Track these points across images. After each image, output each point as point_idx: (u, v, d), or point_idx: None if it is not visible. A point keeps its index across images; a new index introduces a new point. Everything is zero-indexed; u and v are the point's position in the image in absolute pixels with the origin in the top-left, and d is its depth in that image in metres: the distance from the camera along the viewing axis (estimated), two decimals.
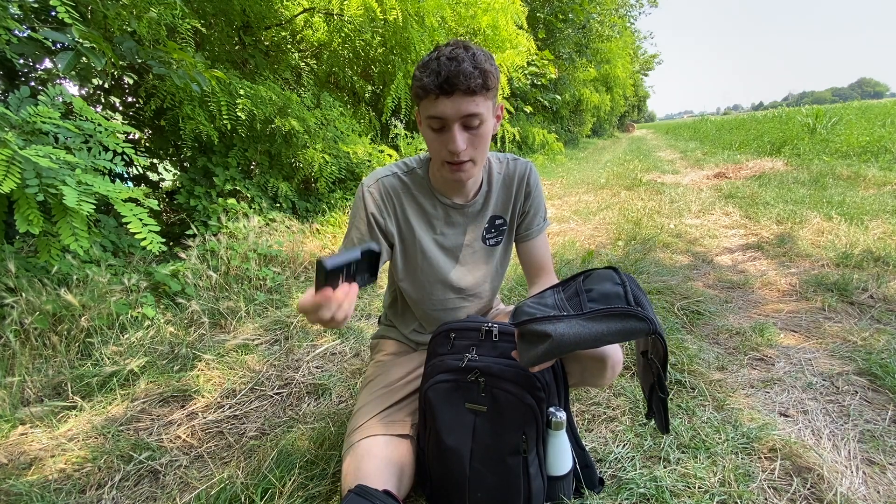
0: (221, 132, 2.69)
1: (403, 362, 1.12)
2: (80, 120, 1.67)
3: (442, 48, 0.84)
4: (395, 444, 0.92)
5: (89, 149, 1.64)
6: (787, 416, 1.27)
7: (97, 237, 2.02)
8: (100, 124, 1.65)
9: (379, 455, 0.89)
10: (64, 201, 1.31)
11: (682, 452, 1.12)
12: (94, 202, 1.39)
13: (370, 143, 3.82)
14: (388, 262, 1.10)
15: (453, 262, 1.07)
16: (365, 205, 0.99)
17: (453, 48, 0.83)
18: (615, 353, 0.92)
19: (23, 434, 1.33)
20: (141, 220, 1.50)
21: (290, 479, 1.06)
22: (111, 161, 1.65)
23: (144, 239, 1.48)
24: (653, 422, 0.81)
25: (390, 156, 3.87)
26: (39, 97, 1.60)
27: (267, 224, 2.88)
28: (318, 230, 3.21)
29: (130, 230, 1.49)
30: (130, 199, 1.54)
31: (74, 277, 1.81)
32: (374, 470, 0.86)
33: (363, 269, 0.71)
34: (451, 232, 1.04)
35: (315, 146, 3.19)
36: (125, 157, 1.74)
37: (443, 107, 0.82)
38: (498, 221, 1.07)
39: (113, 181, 1.54)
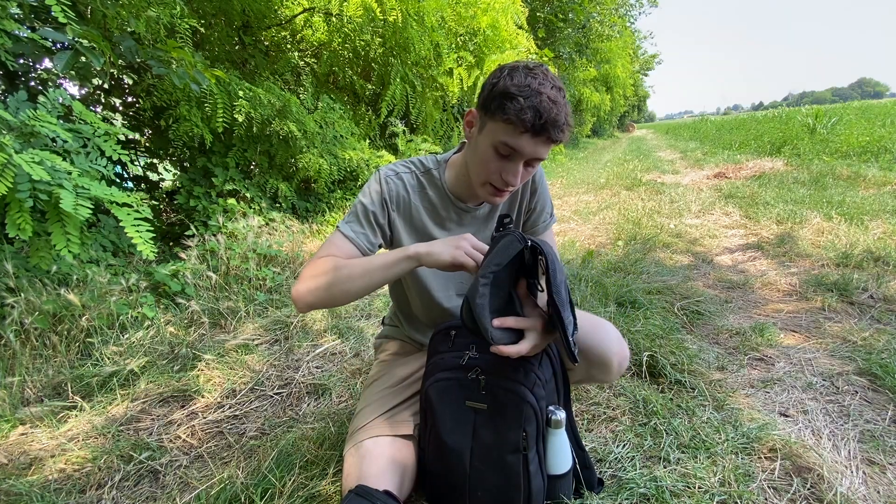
0: (218, 133, 2.69)
1: (407, 362, 1.11)
2: (80, 123, 1.67)
3: (543, 81, 0.79)
4: (398, 444, 0.92)
5: (87, 153, 1.64)
6: (787, 416, 1.27)
7: (89, 240, 2.01)
8: (99, 127, 1.65)
9: (382, 455, 0.89)
10: (60, 205, 1.31)
11: (682, 452, 1.11)
12: (91, 207, 1.38)
13: (369, 148, 3.82)
14: None
15: None
16: (377, 190, 0.98)
17: (554, 89, 0.79)
18: (621, 350, 0.93)
19: (23, 434, 1.33)
20: (135, 225, 1.51)
21: (290, 479, 1.06)
22: (105, 167, 1.66)
23: (139, 244, 1.48)
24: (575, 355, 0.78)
25: (389, 161, 3.88)
26: (39, 98, 1.60)
27: (266, 224, 2.88)
28: (317, 230, 3.22)
29: (127, 234, 1.49)
30: (126, 205, 1.54)
31: (74, 277, 1.81)
32: (377, 470, 0.86)
33: None
34: (461, 233, 1.04)
35: (313, 150, 3.19)
36: (124, 158, 1.74)
37: (525, 144, 0.80)
38: (506, 220, 1.08)
39: (111, 183, 1.54)
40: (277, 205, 3.22)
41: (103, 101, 2.69)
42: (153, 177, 3.03)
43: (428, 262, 0.83)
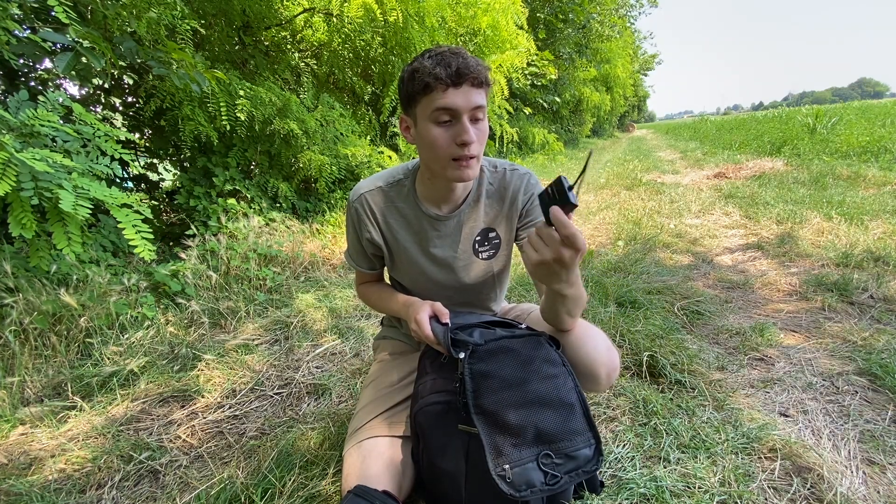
0: (221, 133, 2.69)
1: (405, 362, 1.11)
2: (80, 124, 1.67)
3: (436, 48, 0.83)
4: (396, 444, 0.92)
5: (87, 153, 1.64)
6: (787, 416, 1.27)
7: (89, 239, 2.01)
8: (99, 129, 1.65)
9: (381, 456, 0.89)
10: (60, 205, 1.31)
11: (682, 452, 1.12)
12: (91, 207, 1.38)
13: (370, 145, 3.82)
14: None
15: (447, 273, 1.04)
16: (351, 220, 1.04)
17: (449, 48, 0.83)
18: (609, 360, 0.91)
19: (23, 434, 1.33)
20: (135, 226, 1.50)
21: (290, 479, 1.06)
22: (108, 166, 1.66)
23: (137, 246, 1.48)
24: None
25: (390, 157, 3.87)
26: (39, 98, 1.60)
27: (267, 224, 2.88)
28: (318, 230, 3.22)
29: (125, 236, 1.49)
30: (125, 205, 1.54)
31: (74, 277, 1.81)
32: (376, 470, 0.86)
33: None
34: (439, 243, 1.01)
35: (314, 148, 3.19)
36: (124, 159, 1.74)
37: (454, 97, 0.80)
38: (491, 234, 1.03)
39: (111, 183, 1.54)
40: (278, 205, 3.22)
41: (103, 100, 2.70)
42: (153, 177, 3.03)
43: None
